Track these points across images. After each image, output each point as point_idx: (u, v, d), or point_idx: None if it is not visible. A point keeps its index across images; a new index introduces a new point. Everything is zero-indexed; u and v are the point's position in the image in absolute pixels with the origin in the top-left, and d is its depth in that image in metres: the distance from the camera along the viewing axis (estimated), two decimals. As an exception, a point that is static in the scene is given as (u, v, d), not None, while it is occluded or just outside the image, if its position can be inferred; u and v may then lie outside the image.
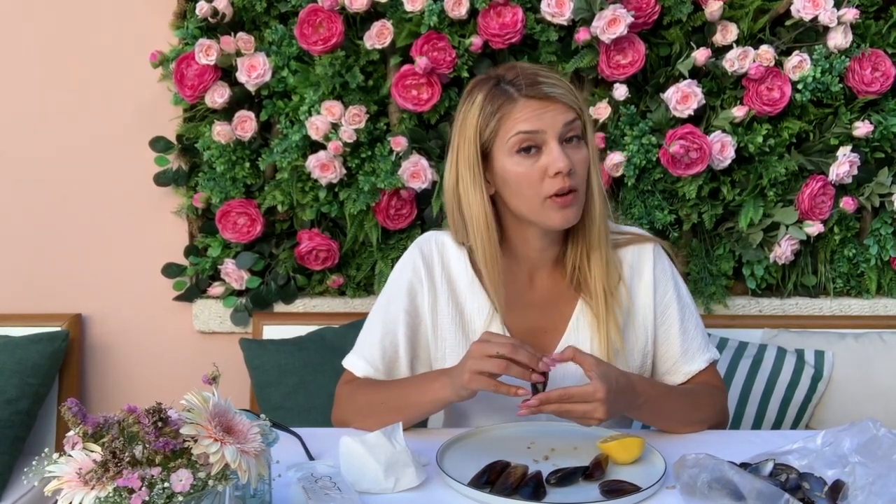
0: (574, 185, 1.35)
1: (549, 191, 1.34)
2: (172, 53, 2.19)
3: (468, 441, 1.36)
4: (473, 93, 1.39)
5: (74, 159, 2.33)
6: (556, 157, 1.33)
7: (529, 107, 1.34)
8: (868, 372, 2.08)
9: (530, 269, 1.47)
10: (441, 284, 1.47)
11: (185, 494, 0.87)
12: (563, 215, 1.36)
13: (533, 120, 1.34)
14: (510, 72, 1.38)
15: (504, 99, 1.35)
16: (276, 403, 2.09)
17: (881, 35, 2.18)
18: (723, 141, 2.11)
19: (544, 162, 1.34)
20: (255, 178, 2.23)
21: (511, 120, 1.34)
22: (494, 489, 1.17)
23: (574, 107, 1.36)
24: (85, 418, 0.93)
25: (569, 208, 1.35)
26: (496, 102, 1.35)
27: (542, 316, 1.46)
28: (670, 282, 1.50)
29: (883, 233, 2.25)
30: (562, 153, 1.33)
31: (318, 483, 1.17)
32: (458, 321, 1.46)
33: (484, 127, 1.36)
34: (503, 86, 1.36)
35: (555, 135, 1.34)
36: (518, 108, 1.34)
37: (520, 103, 1.34)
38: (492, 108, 1.35)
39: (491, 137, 1.36)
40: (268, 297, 2.28)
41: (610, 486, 1.18)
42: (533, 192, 1.35)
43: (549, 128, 1.34)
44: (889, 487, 1.08)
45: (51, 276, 2.37)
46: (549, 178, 1.34)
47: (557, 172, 1.33)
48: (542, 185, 1.34)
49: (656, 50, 2.16)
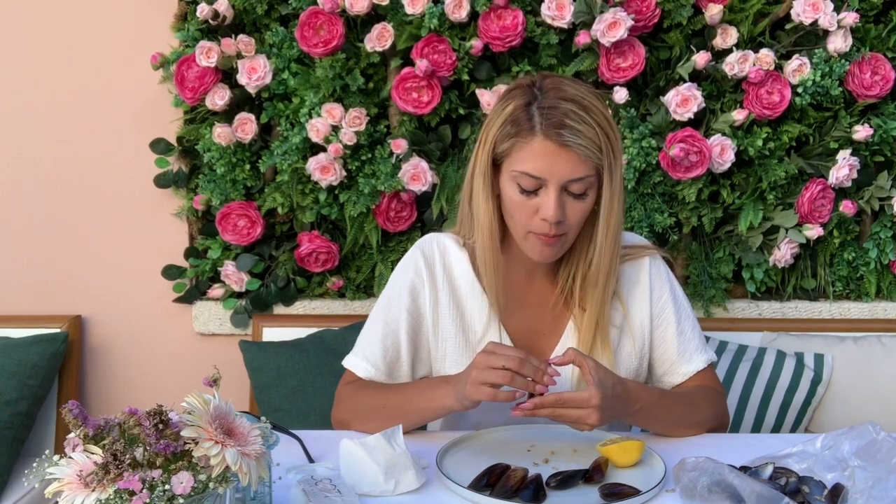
0: (559, 232, 1.33)
1: (534, 228, 1.34)
2: (173, 55, 2.19)
3: (468, 444, 1.36)
4: (507, 100, 1.34)
5: (75, 161, 2.33)
6: (549, 206, 1.30)
7: (543, 147, 1.29)
8: (867, 375, 2.08)
9: (528, 270, 1.47)
10: (442, 284, 1.47)
11: (186, 497, 0.87)
12: (541, 252, 1.36)
13: (541, 163, 1.29)
14: (550, 95, 1.31)
15: (525, 127, 1.30)
16: (275, 405, 2.09)
17: (881, 39, 2.18)
18: (723, 144, 2.11)
19: (538, 203, 1.32)
20: (256, 180, 2.24)
21: (522, 152, 1.31)
22: (494, 492, 1.17)
23: (592, 160, 1.30)
24: (86, 420, 0.93)
25: (549, 248, 1.35)
26: (517, 125, 1.31)
27: (540, 318, 1.47)
28: (666, 285, 1.50)
29: (882, 236, 2.25)
30: (556, 204, 1.30)
31: (318, 485, 1.17)
32: (459, 322, 1.46)
33: (500, 142, 1.33)
34: (532, 110, 1.30)
35: (556, 184, 1.30)
36: (533, 143, 1.29)
37: (536, 139, 1.29)
38: (511, 130, 1.31)
39: (503, 155, 1.34)
40: (268, 300, 2.28)
41: (610, 489, 1.18)
42: (522, 221, 1.35)
43: (553, 176, 1.30)
44: (889, 491, 1.08)
45: (51, 277, 2.37)
46: (538, 218, 1.32)
47: (545, 219, 1.31)
48: (531, 220, 1.33)
49: (656, 53, 2.16)
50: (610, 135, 1.32)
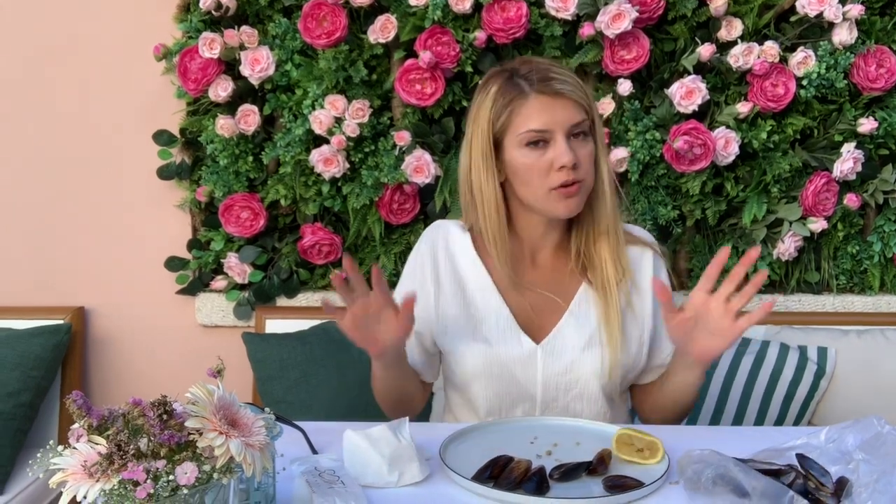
0: (578, 178, 1.41)
1: (554, 182, 1.40)
2: (176, 47, 2.18)
3: (471, 435, 1.36)
4: (488, 84, 1.45)
5: (77, 152, 2.33)
6: (562, 152, 1.39)
7: (540, 102, 1.40)
8: (871, 368, 2.08)
9: (533, 250, 1.53)
10: (444, 263, 1.53)
11: (190, 487, 0.87)
12: (566, 205, 1.43)
13: (542, 117, 1.40)
14: (524, 66, 1.44)
15: (516, 93, 1.41)
16: (278, 397, 2.09)
17: (886, 31, 2.17)
18: (727, 137, 2.10)
19: (551, 156, 1.40)
20: (259, 172, 2.23)
21: (522, 115, 1.41)
22: (498, 483, 1.17)
23: (583, 104, 1.42)
24: (90, 411, 0.93)
25: (572, 198, 1.42)
26: (508, 96, 1.41)
27: (543, 295, 1.51)
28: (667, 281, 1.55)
29: (886, 230, 2.25)
30: (567, 148, 1.39)
31: (321, 477, 1.17)
32: (461, 298, 1.51)
33: (496, 119, 1.42)
34: (516, 80, 1.42)
35: (562, 131, 1.40)
36: (529, 103, 1.40)
37: (531, 98, 1.40)
38: (504, 102, 1.41)
39: (502, 129, 1.43)
40: (270, 291, 2.28)
41: (613, 481, 1.18)
42: (539, 182, 1.41)
43: (557, 125, 1.40)
44: (893, 484, 1.08)
45: (53, 269, 2.37)
46: (554, 171, 1.40)
47: (562, 166, 1.39)
48: (548, 177, 1.41)
49: (661, 45, 2.15)
50: (585, 86, 1.46)
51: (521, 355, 1.46)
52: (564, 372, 1.47)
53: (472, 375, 1.49)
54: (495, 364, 1.47)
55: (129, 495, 0.86)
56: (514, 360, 1.47)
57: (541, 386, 1.47)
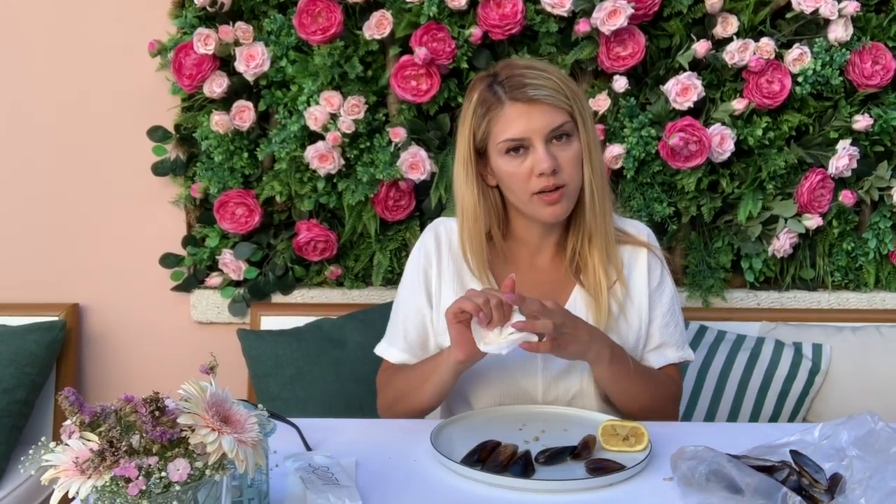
0: (560, 182, 1.40)
1: (535, 188, 1.40)
2: (171, 43, 2.18)
3: (462, 422, 1.40)
4: (472, 91, 1.45)
5: (72, 149, 2.32)
6: (541, 159, 1.38)
7: (515, 111, 1.39)
8: (866, 365, 2.08)
9: (532, 252, 1.53)
10: (447, 261, 1.53)
11: (182, 484, 0.87)
12: (551, 211, 1.42)
13: (518, 125, 1.39)
14: (504, 70, 1.43)
15: (493, 101, 1.41)
16: (273, 394, 2.09)
17: (882, 28, 2.17)
18: (722, 133, 2.10)
19: (530, 163, 1.40)
20: (254, 169, 2.23)
21: (500, 124, 1.40)
22: (485, 467, 1.21)
23: (563, 106, 1.39)
24: (82, 407, 0.93)
25: (557, 204, 1.42)
26: (486, 105, 1.41)
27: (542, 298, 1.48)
28: (666, 278, 1.56)
29: (882, 226, 2.25)
30: (546, 155, 1.38)
31: (315, 473, 1.17)
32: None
33: (477, 128, 1.43)
34: (494, 87, 1.41)
35: (540, 137, 1.39)
36: (504, 112, 1.40)
37: (506, 107, 1.40)
38: (482, 111, 1.42)
39: (484, 138, 1.43)
40: (266, 288, 2.28)
41: (596, 464, 1.22)
42: (522, 188, 1.42)
43: (534, 132, 1.39)
44: (887, 481, 1.08)
45: (48, 265, 2.36)
46: (535, 177, 1.39)
47: (542, 173, 1.38)
48: (529, 183, 1.41)
49: (656, 42, 2.15)
50: (570, 84, 1.42)
51: (521, 356, 1.45)
52: (564, 372, 1.47)
53: (473, 376, 1.48)
54: (496, 365, 1.46)
55: (121, 492, 0.85)
56: (515, 360, 1.46)
57: (541, 386, 1.48)
